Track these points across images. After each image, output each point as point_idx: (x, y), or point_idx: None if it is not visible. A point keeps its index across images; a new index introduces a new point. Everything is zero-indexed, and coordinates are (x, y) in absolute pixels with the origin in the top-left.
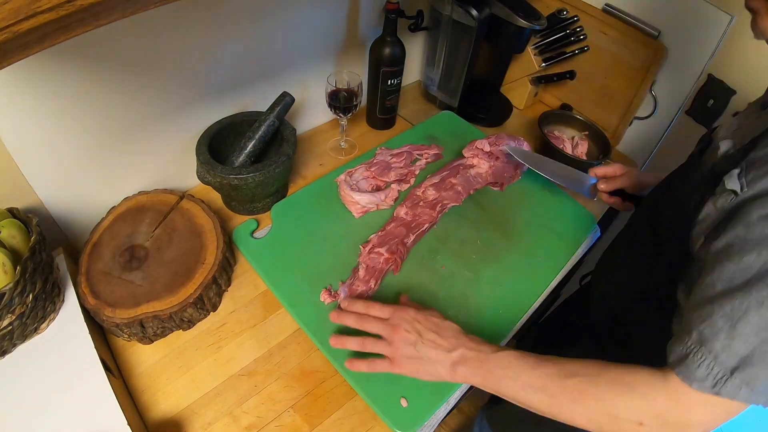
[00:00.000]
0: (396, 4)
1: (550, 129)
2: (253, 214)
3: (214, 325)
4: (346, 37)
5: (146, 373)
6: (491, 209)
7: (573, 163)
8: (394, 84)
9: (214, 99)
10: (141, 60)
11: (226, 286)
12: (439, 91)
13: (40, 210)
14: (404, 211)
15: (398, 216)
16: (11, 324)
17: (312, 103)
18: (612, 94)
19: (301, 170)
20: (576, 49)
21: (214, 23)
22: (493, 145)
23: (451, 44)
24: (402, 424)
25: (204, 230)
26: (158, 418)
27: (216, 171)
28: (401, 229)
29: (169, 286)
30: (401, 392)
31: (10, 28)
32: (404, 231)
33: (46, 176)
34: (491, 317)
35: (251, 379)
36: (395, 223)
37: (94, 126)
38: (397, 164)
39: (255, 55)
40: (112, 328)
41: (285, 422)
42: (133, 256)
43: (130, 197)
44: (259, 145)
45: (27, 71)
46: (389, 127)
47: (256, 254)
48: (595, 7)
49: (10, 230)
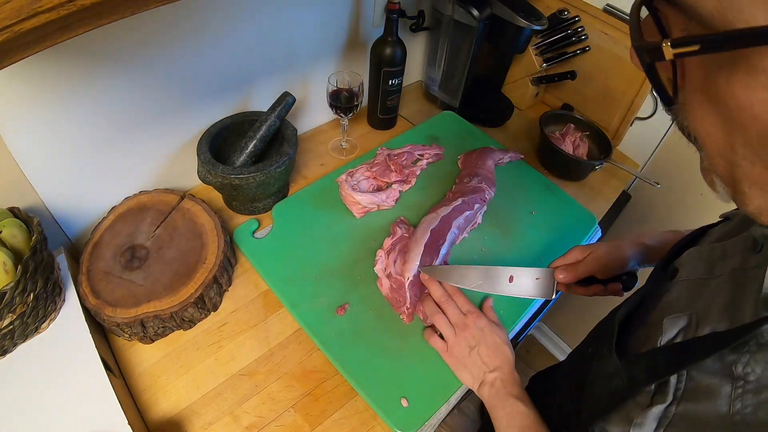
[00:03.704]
0: (397, 4)
1: (551, 129)
2: (254, 214)
3: (214, 324)
4: (347, 37)
5: (147, 372)
6: (491, 209)
7: (573, 163)
8: (395, 84)
9: (216, 99)
10: (142, 60)
11: (226, 286)
12: (440, 91)
13: (41, 209)
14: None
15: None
16: (12, 323)
17: (313, 103)
18: (613, 95)
19: (302, 170)
20: (577, 50)
21: (215, 23)
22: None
23: (453, 44)
24: (402, 424)
25: (205, 230)
26: (159, 417)
27: (217, 171)
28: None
29: (169, 285)
30: (402, 392)
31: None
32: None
33: (47, 176)
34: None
35: (252, 378)
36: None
37: (96, 125)
38: (398, 164)
39: (256, 55)
40: (112, 327)
41: (286, 422)
42: (134, 256)
43: (131, 197)
44: (260, 145)
45: (28, 71)
46: (390, 127)
47: (257, 254)
48: (596, 8)
49: (11, 230)
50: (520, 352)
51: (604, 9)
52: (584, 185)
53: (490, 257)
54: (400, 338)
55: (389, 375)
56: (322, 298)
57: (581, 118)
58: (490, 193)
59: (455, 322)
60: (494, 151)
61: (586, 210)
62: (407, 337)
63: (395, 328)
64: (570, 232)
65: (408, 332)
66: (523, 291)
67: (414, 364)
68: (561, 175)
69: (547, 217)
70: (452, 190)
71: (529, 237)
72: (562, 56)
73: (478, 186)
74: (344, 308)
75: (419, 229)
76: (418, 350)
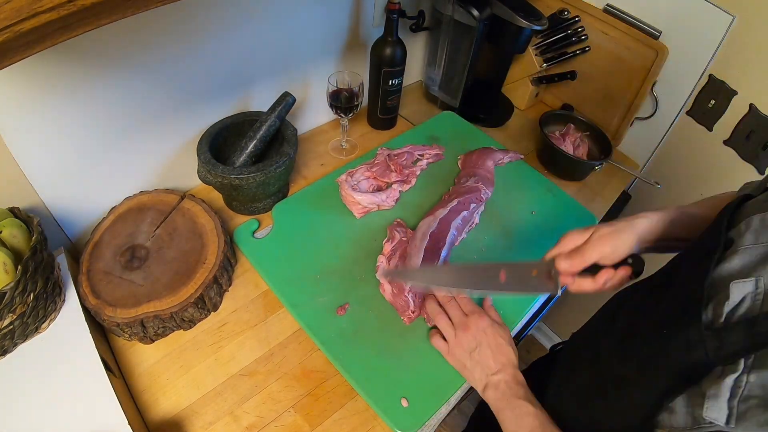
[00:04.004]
0: (397, 5)
1: (551, 129)
2: (254, 214)
3: (214, 324)
4: (347, 37)
5: (147, 372)
6: (492, 209)
7: (574, 163)
8: (395, 84)
9: (216, 99)
10: (142, 59)
11: (227, 286)
12: (440, 91)
13: (42, 210)
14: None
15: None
16: (12, 323)
17: (313, 103)
18: (613, 95)
19: (302, 170)
20: (577, 50)
21: (215, 23)
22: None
23: (453, 44)
24: (402, 424)
25: (205, 230)
26: (159, 417)
27: (217, 171)
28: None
29: (169, 285)
30: (402, 392)
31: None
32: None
33: (47, 176)
34: None
35: (252, 378)
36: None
37: (96, 125)
38: (398, 165)
39: (256, 55)
40: (112, 327)
41: (286, 422)
42: (134, 256)
43: (131, 197)
44: (260, 145)
45: (29, 71)
46: (390, 127)
47: (257, 254)
48: (596, 8)
49: (11, 230)
50: (520, 352)
51: (604, 9)
52: (584, 185)
53: (490, 258)
54: (400, 338)
55: (389, 375)
56: (322, 298)
57: (581, 118)
58: (487, 193)
59: (456, 322)
60: (494, 152)
61: (586, 210)
62: (407, 337)
63: (395, 328)
64: None
65: (408, 332)
66: (521, 288)
67: (414, 364)
68: (561, 176)
69: (547, 218)
70: (449, 191)
71: (529, 237)
72: (562, 56)
73: (474, 186)
74: (344, 308)
75: (418, 233)
76: (418, 350)
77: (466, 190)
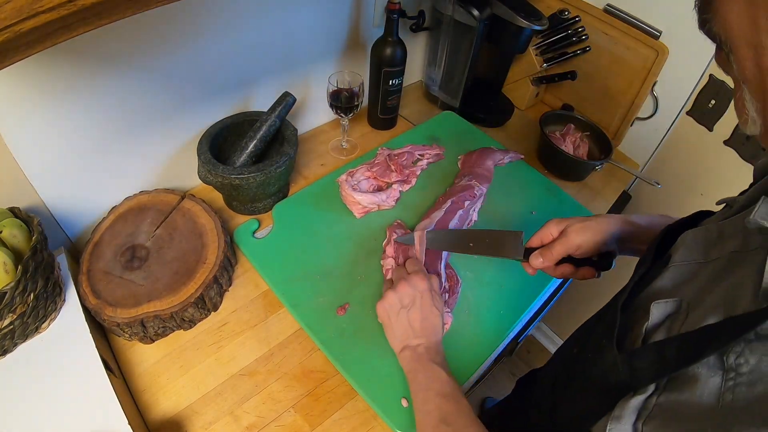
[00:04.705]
0: (397, 5)
1: (552, 129)
2: (254, 214)
3: (215, 324)
4: (347, 37)
5: (147, 372)
6: (492, 209)
7: (574, 163)
8: (395, 84)
9: (216, 99)
10: (143, 59)
11: (227, 286)
12: (441, 91)
13: (42, 209)
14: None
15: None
16: (12, 323)
17: (313, 103)
18: (613, 95)
19: (302, 170)
20: (577, 50)
21: (216, 23)
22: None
23: (453, 44)
24: (402, 424)
25: (205, 230)
26: (159, 417)
27: (217, 171)
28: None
29: (170, 285)
30: (402, 392)
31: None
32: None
33: (47, 176)
34: (491, 317)
35: (252, 378)
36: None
37: (96, 126)
38: (399, 164)
39: (256, 55)
40: (113, 327)
41: (286, 422)
42: (135, 256)
43: (131, 197)
44: (260, 144)
45: (29, 71)
46: (390, 127)
47: (257, 254)
48: (596, 8)
49: (11, 230)
50: (520, 352)
51: (604, 9)
52: (584, 185)
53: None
54: None
55: (389, 375)
56: (322, 298)
57: (581, 118)
58: (481, 189)
59: (398, 275)
60: (494, 152)
61: (586, 210)
62: None
63: None
64: None
65: None
66: (493, 253)
67: None
68: (561, 176)
69: (547, 218)
70: (444, 193)
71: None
72: (563, 56)
73: (467, 184)
74: (344, 308)
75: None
76: None
77: (460, 189)
